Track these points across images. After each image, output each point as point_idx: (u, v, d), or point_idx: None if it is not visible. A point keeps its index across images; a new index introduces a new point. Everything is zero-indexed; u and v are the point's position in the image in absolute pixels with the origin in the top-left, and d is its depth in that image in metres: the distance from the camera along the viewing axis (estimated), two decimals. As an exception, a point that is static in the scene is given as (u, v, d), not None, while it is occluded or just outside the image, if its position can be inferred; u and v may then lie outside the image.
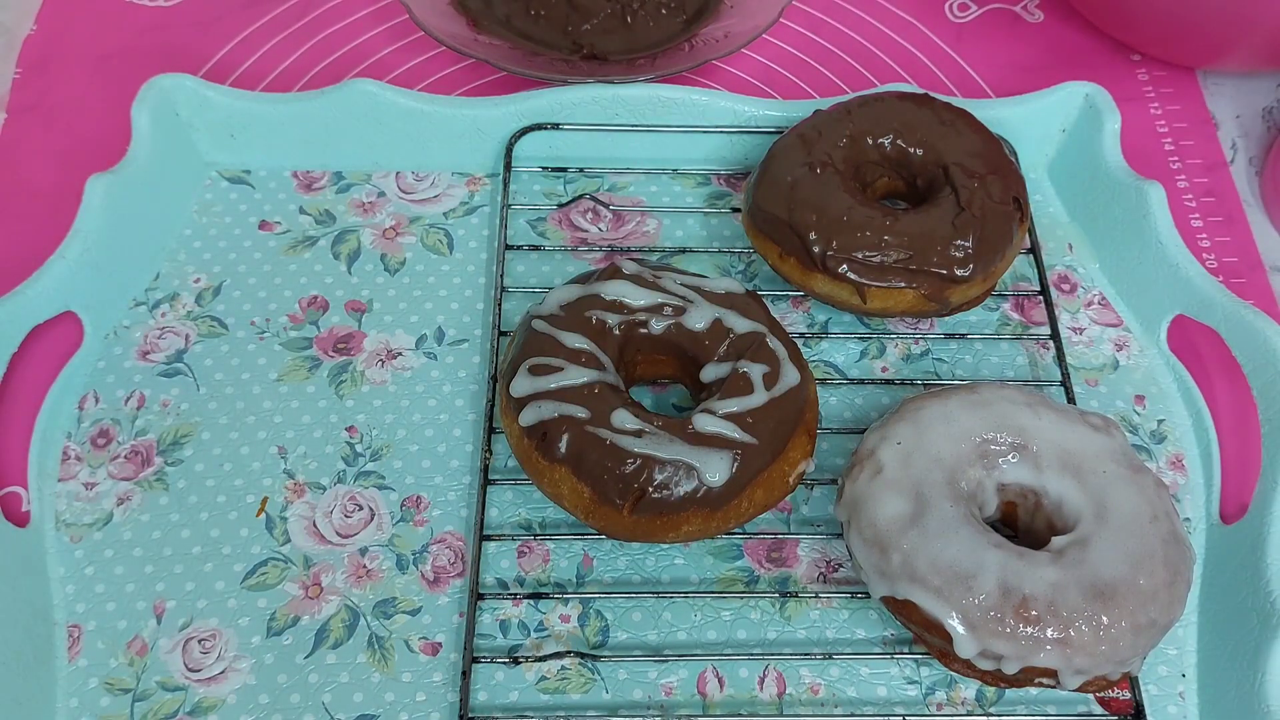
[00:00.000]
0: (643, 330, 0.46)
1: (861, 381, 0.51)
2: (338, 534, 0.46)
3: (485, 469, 0.47)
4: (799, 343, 0.51)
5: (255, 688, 0.43)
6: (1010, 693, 0.44)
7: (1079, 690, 0.39)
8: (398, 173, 0.57)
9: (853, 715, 0.42)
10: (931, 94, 0.54)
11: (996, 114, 0.56)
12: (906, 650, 0.44)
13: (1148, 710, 0.42)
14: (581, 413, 0.42)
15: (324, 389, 0.50)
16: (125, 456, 0.48)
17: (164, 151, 0.53)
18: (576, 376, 0.43)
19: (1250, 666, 0.41)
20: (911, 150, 0.52)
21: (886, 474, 0.41)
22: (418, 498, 0.47)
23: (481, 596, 0.44)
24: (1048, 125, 0.57)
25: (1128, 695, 0.43)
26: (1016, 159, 0.56)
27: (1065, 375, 0.50)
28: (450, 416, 0.49)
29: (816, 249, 0.48)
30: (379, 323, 0.52)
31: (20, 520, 0.45)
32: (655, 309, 0.46)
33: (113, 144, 0.55)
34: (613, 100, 0.55)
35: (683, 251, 0.54)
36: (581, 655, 0.43)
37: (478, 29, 0.60)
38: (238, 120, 0.55)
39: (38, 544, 0.45)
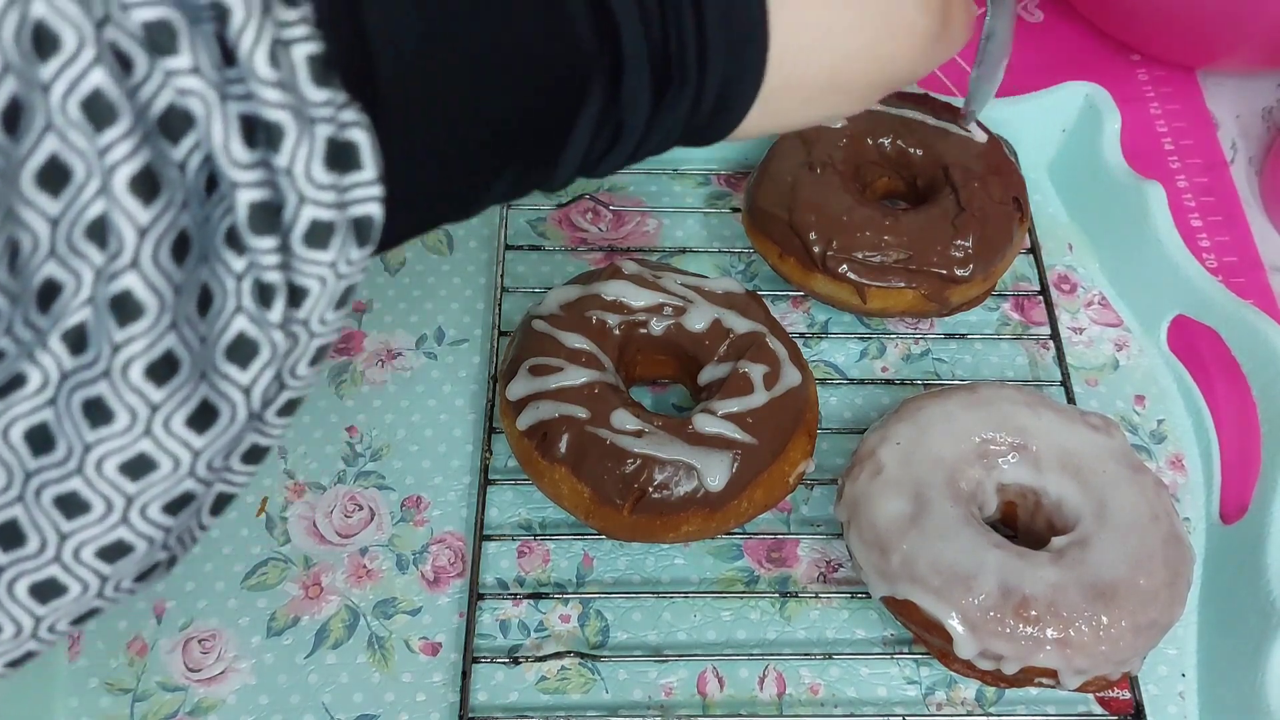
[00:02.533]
0: (643, 330, 0.46)
1: (861, 381, 0.51)
2: (338, 534, 0.46)
3: (485, 469, 0.47)
4: (799, 343, 0.51)
5: (255, 688, 0.43)
6: (1010, 693, 0.44)
7: (1079, 690, 0.39)
8: (398, 173, 0.57)
9: (853, 715, 0.42)
10: (931, 94, 0.54)
11: (996, 114, 0.56)
12: (906, 650, 0.44)
13: (1148, 710, 0.42)
14: (581, 413, 0.42)
15: (324, 389, 0.50)
16: (125, 456, 0.48)
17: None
18: (576, 376, 0.43)
19: (1250, 666, 0.41)
20: (911, 150, 0.51)
21: (886, 474, 0.41)
22: (418, 498, 0.47)
23: (481, 596, 0.44)
24: (1048, 125, 0.56)
25: (1128, 695, 0.43)
26: (1016, 159, 0.55)
27: (1065, 375, 0.50)
28: (450, 416, 0.49)
29: (816, 249, 0.48)
30: (379, 323, 0.52)
31: (20, 520, 0.45)
32: (655, 309, 0.46)
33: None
34: (613, 100, 0.55)
35: (683, 251, 0.54)
36: (581, 655, 0.43)
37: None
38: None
39: (38, 544, 0.45)
